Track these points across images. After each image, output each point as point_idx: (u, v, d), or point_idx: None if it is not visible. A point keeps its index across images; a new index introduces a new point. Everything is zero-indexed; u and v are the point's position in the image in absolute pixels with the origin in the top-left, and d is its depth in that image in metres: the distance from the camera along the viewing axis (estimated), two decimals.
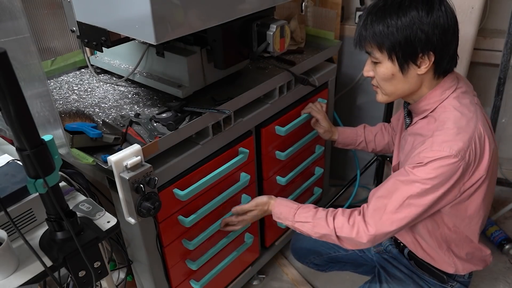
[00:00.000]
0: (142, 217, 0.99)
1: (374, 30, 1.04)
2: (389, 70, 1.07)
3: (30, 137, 0.73)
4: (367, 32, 1.05)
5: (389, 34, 1.02)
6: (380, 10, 1.03)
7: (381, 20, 1.02)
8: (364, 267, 1.50)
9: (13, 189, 0.93)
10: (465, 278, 1.26)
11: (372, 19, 1.04)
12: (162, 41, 0.94)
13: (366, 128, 1.53)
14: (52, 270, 0.86)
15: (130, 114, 1.22)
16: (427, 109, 1.10)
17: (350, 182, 2.07)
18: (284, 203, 1.24)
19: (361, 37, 1.08)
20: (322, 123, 1.51)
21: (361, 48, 1.11)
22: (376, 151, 1.53)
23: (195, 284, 1.39)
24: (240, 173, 1.42)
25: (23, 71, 0.82)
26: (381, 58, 1.06)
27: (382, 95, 1.15)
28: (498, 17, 1.98)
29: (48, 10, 1.38)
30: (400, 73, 1.06)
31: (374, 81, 1.14)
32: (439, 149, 1.00)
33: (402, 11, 1.01)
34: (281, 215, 1.22)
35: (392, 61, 1.05)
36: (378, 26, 1.03)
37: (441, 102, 1.08)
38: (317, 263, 1.53)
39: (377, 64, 1.09)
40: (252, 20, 1.20)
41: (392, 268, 1.33)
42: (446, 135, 1.02)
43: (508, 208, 2.04)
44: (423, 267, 1.26)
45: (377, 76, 1.11)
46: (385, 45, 1.04)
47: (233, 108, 1.25)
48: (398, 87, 1.10)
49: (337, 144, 1.55)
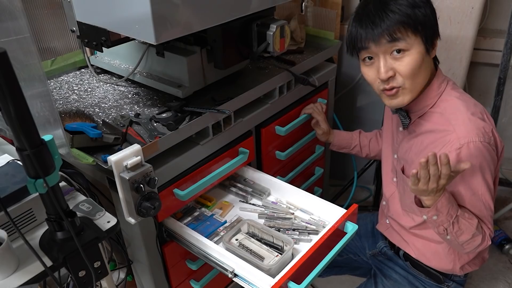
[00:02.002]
0: (142, 217, 0.99)
1: (403, 13, 0.99)
2: (420, 54, 1.02)
3: (30, 137, 0.73)
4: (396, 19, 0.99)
5: (418, 15, 0.99)
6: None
7: (403, 4, 1.00)
8: (361, 269, 1.50)
9: (13, 189, 0.93)
10: (461, 277, 1.26)
11: (393, 5, 1.00)
12: (162, 41, 0.94)
13: (362, 134, 1.55)
14: (52, 270, 0.86)
15: (130, 114, 1.22)
16: (427, 105, 1.10)
17: (349, 182, 2.07)
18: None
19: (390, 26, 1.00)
20: (322, 125, 1.51)
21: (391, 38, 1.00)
22: (370, 156, 1.55)
23: (195, 284, 1.39)
24: None
25: (23, 71, 0.81)
26: (412, 42, 1.01)
27: (406, 93, 1.06)
28: (498, 17, 1.98)
29: (48, 10, 1.38)
30: (428, 56, 1.05)
31: (395, 80, 1.05)
32: (469, 140, 1.00)
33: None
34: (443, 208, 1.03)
35: (424, 42, 1.02)
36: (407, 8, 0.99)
37: (440, 96, 1.09)
38: None
39: (403, 53, 1.02)
40: (252, 20, 1.20)
41: (387, 269, 1.33)
42: (465, 124, 1.02)
43: (508, 208, 2.04)
44: (419, 268, 1.26)
45: (405, 68, 1.02)
46: (419, 26, 1.00)
47: (233, 108, 1.25)
48: (423, 77, 1.06)
49: (332, 147, 1.56)
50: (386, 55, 1.03)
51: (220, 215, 1.27)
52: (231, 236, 1.15)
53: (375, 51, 1.04)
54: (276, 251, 1.11)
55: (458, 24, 1.70)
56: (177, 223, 1.19)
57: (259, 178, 1.38)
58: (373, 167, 2.09)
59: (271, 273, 1.02)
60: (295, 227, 1.19)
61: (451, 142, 1.02)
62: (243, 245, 1.14)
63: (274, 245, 1.13)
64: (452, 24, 1.67)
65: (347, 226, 1.12)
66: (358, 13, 1.07)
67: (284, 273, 0.97)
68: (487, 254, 1.25)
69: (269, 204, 1.30)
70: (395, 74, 1.04)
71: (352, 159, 2.01)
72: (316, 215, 1.24)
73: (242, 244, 1.14)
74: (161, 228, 1.22)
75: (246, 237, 1.16)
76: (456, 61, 1.79)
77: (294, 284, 0.97)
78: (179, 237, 1.19)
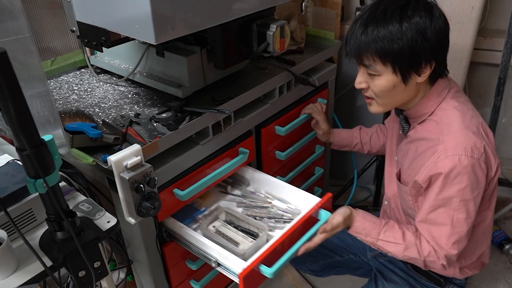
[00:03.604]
0: (142, 217, 0.99)
1: (376, 42, 0.98)
2: (390, 82, 1.03)
3: (30, 137, 0.73)
4: (368, 45, 0.99)
5: (394, 46, 0.97)
6: (379, 19, 0.98)
7: (383, 31, 0.97)
8: (361, 270, 1.50)
9: (13, 189, 0.93)
10: (461, 280, 1.26)
11: (373, 29, 0.99)
12: (162, 41, 0.94)
13: (362, 130, 1.53)
14: (52, 270, 0.86)
15: (130, 114, 1.22)
16: (426, 113, 1.09)
17: (349, 182, 2.07)
18: (367, 217, 1.16)
19: (360, 49, 1.01)
20: (322, 125, 1.51)
21: (358, 61, 1.05)
22: (372, 152, 1.54)
23: (195, 284, 1.39)
24: None
25: (23, 71, 0.81)
26: (383, 70, 1.02)
27: (377, 106, 1.11)
28: (498, 17, 1.98)
29: (48, 10, 1.38)
30: (402, 83, 1.03)
31: (368, 92, 1.10)
32: (455, 153, 0.98)
33: (405, 19, 0.96)
34: (363, 230, 1.15)
35: (395, 73, 1.01)
36: (380, 39, 0.97)
37: (439, 104, 1.08)
38: (313, 269, 1.53)
39: (374, 76, 1.04)
40: (252, 20, 1.20)
41: (388, 272, 1.33)
42: (456, 137, 1.00)
43: (508, 208, 2.04)
44: (420, 270, 1.26)
45: (375, 88, 1.06)
46: (389, 57, 0.99)
47: (233, 108, 1.25)
48: (397, 98, 1.07)
49: (333, 146, 1.56)
50: (362, 67, 1.06)
51: (200, 204, 1.30)
52: (208, 223, 1.20)
53: (353, 60, 1.07)
54: (251, 237, 1.15)
55: (458, 24, 1.70)
56: (177, 223, 1.20)
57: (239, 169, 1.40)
58: (373, 167, 2.09)
59: (245, 257, 1.06)
60: (271, 215, 1.24)
61: (438, 152, 1.01)
62: (220, 231, 1.19)
63: (249, 231, 1.18)
64: (452, 24, 1.66)
65: (321, 214, 1.19)
66: (357, 16, 1.05)
67: (256, 257, 1.03)
68: (487, 259, 1.25)
69: (248, 194, 1.34)
70: (369, 87, 1.08)
71: (352, 159, 2.01)
72: (293, 204, 1.29)
73: (219, 231, 1.19)
74: (161, 228, 1.22)
75: (223, 224, 1.22)
76: (456, 61, 1.79)
77: (266, 267, 1.03)
78: (179, 237, 1.19)
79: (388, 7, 0.99)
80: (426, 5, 0.99)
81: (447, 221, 1.04)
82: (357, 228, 1.17)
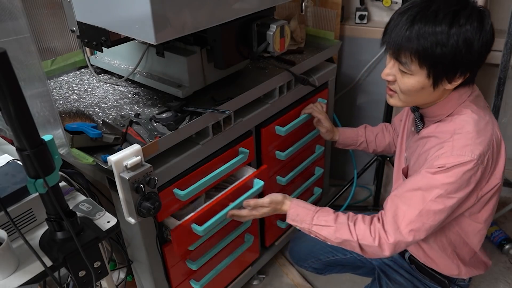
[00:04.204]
0: (142, 217, 0.99)
1: (419, 43, 0.94)
2: (420, 84, 0.99)
3: (30, 137, 0.73)
4: (410, 42, 0.94)
5: (437, 50, 0.93)
6: (429, 19, 0.93)
7: (430, 32, 0.92)
8: (363, 269, 1.50)
9: (13, 189, 0.93)
10: (465, 282, 1.25)
11: (419, 28, 0.93)
12: (162, 41, 0.94)
13: (367, 129, 1.52)
14: (52, 270, 0.86)
15: (130, 114, 1.22)
16: (443, 114, 1.06)
17: (349, 182, 2.07)
18: (301, 204, 1.18)
19: (401, 45, 0.96)
20: (324, 123, 1.50)
21: (395, 55, 0.99)
22: (377, 151, 1.52)
23: (195, 284, 1.39)
24: None
25: (23, 71, 0.81)
26: (417, 71, 0.98)
27: (398, 100, 1.07)
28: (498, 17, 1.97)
29: (48, 10, 1.38)
30: (431, 87, 1.00)
31: (394, 86, 1.06)
32: (461, 154, 0.97)
33: (455, 25, 0.92)
34: (297, 217, 1.16)
35: (429, 77, 0.98)
36: (424, 40, 0.93)
37: (458, 106, 1.05)
38: (316, 267, 1.53)
39: (406, 74, 1.00)
40: (252, 20, 1.20)
41: (392, 272, 1.32)
42: (466, 138, 0.98)
43: (508, 208, 2.04)
44: (424, 271, 1.25)
45: (402, 85, 1.02)
46: (428, 61, 0.95)
47: (233, 108, 1.25)
48: (421, 98, 1.04)
49: (338, 145, 1.54)
50: (396, 61, 1.01)
51: None
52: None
53: (389, 52, 1.03)
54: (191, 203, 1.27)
55: None
56: (177, 223, 1.20)
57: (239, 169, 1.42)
58: (373, 167, 2.09)
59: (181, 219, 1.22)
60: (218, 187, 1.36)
61: (444, 149, 1.00)
62: None
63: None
64: None
65: (255, 182, 1.36)
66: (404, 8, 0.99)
67: (189, 217, 1.20)
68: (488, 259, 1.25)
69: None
70: (395, 81, 1.04)
71: (352, 159, 2.01)
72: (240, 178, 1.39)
73: None
74: (161, 228, 1.22)
75: None
76: None
77: (196, 225, 1.20)
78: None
79: (440, 8, 0.93)
80: (479, 14, 0.95)
81: (418, 206, 1.01)
82: (291, 215, 1.17)
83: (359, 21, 1.91)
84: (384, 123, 1.52)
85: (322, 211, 1.15)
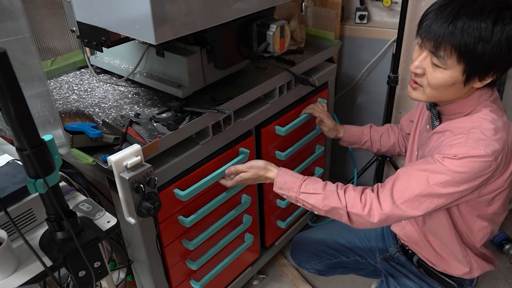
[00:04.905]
0: (142, 217, 0.99)
1: (462, 37, 0.91)
2: (452, 79, 0.97)
3: (30, 137, 0.73)
4: (453, 36, 0.92)
5: (478, 47, 0.91)
6: (474, 14, 0.90)
7: (474, 27, 0.90)
8: (364, 270, 1.49)
9: (13, 189, 0.93)
10: (472, 286, 1.25)
11: (464, 22, 0.91)
12: (162, 41, 0.94)
13: (373, 128, 1.50)
14: (52, 270, 0.86)
15: (130, 114, 1.22)
16: (462, 112, 1.05)
17: (349, 182, 2.07)
18: (289, 172, 1.17)
19: (443, 37, 0.93)
20: (326, 122, 1.49)
21: (433, 48, 0.96)
22: (381, 151, 1.51)
23: (195, 284, 1.39)
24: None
25: (23, 71, 0.81)
26: (453, 66, 0.95)
27: (422, 94, 1.04)
28: None
29: (48, 10, 1.38)
30: (462, 84, 0.98)
31: (421, 79, 1.02)
32: (474, 147, 0.95)
33: (499, 22, 0.89)
34: (285, 185, 1.15)
35: (464, 73, 0.95)
36: (468, 35, 0.91)
37: (477, 106, 1.03)
38: (318, 268, 1.52)
39: (439, 68, 0.97)
40: (252, 20, 1.20)
41: (401, 276, 1.31)
42: (483, 133, 0.97)
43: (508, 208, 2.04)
44: (433, 275, 1.25)
45: (433, 79, 0.99)
46: (468, 56, 0.92)
47: (233, 108, 1.25)
48: (448, 94, 1.02)
49: (342, 142, 1.52)
50: (429, 53, 0.99)
51: None
52: None
53: (424, 44, 1.00)
54: None
55: None
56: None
57: None
58: (373, 167, 2.09)
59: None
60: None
61: (458, 139, 0.99)
62: None
63: None
64: None
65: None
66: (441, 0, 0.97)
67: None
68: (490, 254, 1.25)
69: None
70: (424, 74, 1.02)
71: (352, 159, 2.01)
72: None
73: None
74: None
75: None
76: None
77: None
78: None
79: (487, 3, 0.91)
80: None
81: (420, 186, 1.00)
82: (279, 183, 1.16)
83: (359, 21, 1.91)
84: (390, 124, 1.51)
85: (310, 180, 1.14)
